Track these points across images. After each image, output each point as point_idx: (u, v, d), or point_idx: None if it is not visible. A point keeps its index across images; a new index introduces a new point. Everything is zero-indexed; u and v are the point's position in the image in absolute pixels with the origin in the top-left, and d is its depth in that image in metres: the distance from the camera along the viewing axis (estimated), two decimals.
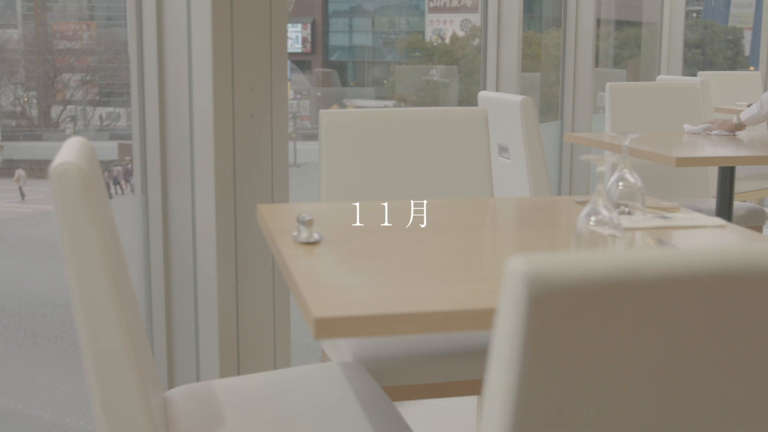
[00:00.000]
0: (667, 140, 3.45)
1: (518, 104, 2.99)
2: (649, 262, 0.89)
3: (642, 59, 6.46)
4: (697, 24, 14.18)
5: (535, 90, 4.92)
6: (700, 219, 2.04)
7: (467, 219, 2.05)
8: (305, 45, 14.02)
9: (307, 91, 14.80)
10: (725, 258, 0.91)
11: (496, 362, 0.92)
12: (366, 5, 14.91)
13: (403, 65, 14.05)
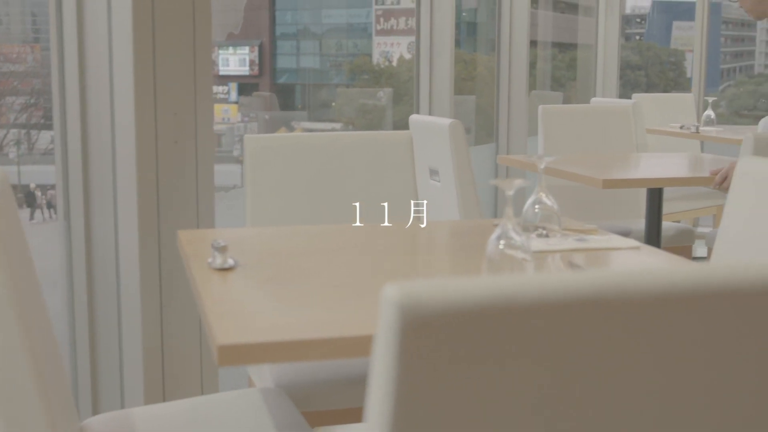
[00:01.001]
0: (598, 162, 3.49)
1: (447, 128, 3.01)
2: (525, 288, 0.90)
3: (578, 81, 6.53)
4: (640, 46, 14.40)
5: (471, 112, 4.96)
6: (615, 241, 2.06)
7: (388, 243, 2.05)
8: (252, 67, 13.99)
9: (255, 114, 14.79)
10: (600, 282, 0.92)
11: (373, 391, 0.92)
12: (313, 28, 14.94)
13: (350, 88, 14.12)
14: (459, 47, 9.62)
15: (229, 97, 13.91)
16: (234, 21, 14.21)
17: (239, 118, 14.10)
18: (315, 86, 14.12)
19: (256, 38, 14.05)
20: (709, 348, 1.00)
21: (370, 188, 2.57)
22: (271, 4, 14.08)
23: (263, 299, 1.63)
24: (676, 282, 0.94)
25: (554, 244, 2.00)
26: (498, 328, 0.90)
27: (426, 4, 4.05)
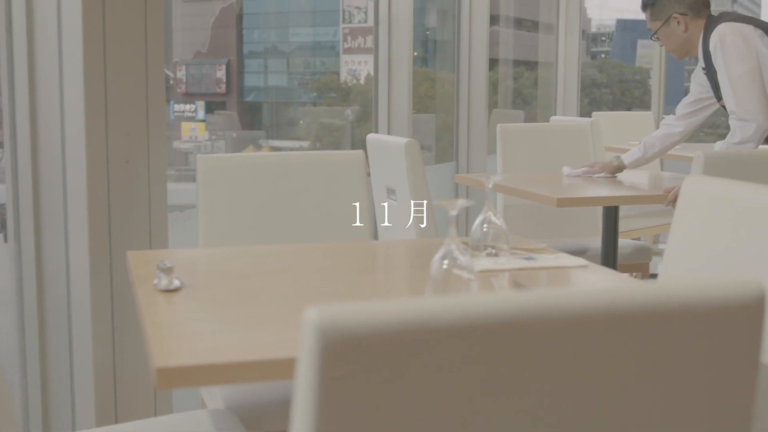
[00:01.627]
0: (555, 180, 3.51)
1: (403, 147, 3.02)
2: (443, 310, 0.90)
3: (539, 100, 6.58)
4: (605, 64, 14.52)
5: (431, 131, 4.98)
6: (564, 260, 2.08)
7: (337, 263, 2.05)
8: (220, 86, 13.98)
9: (223, 132, 14.76)
10: (518, 304, 0.93)
11: (296, 413, 0.92)
12: (281, 46, 14.96)
13: (318, 106, 14.15)
14: (426, 66, 9.66)
15: (196, 116, 13.87)
16: (201, 39, 14.18)
17: (207, 137, 14.05)
18: (282, 104, 14.12)
19: (223, 56, 14.03)
20: (631, 367, 1.00)
21: (323, 208, 2.57)
22: (239, 23, 14.08)
23: (206, 321, 1.63)
24: (592, 303, 0.95)
25: (503, 263, 2.01)
26: (418, 349, 0.90)
27: (384, 23, 4.07)
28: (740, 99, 3.11)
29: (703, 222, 2.01)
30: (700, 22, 3.26)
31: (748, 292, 1.03)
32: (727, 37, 3.14)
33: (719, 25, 3.19)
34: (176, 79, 14.21)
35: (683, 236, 2.06)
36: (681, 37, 3.29)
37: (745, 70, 3.11)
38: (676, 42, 3.32)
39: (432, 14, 6.72)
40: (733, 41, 3.13)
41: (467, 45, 4.85)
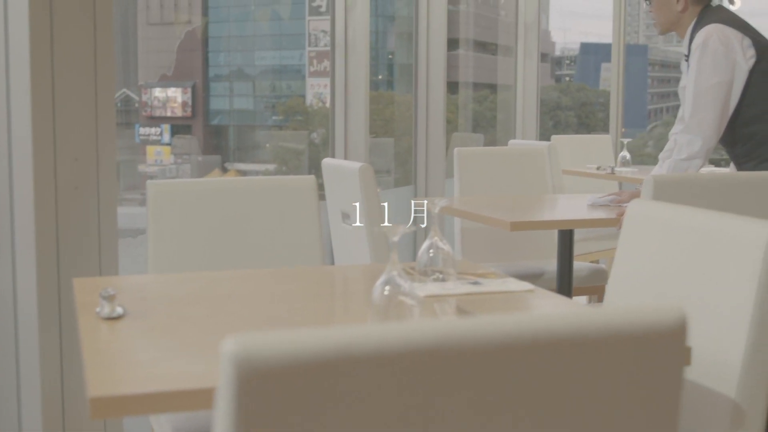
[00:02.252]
0: (512, 204, 3.53)
1: (357, 171, 3.02)
2: (361, 339, 0.90)
3: (499, 123, 6.62)
4: (570, 87, 14.64)
5: (390, 154, 4.98)
6: (510, 284, 2.08)
7: (286, 289, 2.05)
8: (185, 109, 13.95)
9: (188, 155, 14.72)
10: (436, 332, 0.93)
11: None
12: (247, 69, 14.95)
13: (284, 129, 14.16)
14: (391, 88, 9.67)
15: (161, 139, 13.82)
16: (166, 62, 14.16)
17: (172, 160, 14.01)
18: (248, 127, 14.11)
19: (189, 79, 14.01)
20: (556, 392, 1.01)
21: (274, 233, 2.56)
22: (204, 46, 14.07)
23: (146, 349, 1.61)
24: (510, 330, 0.95)
25: (449, 289, 2.01)
26: (336, 379, 0.90)
27: (340, 47, 4.08)
28: (697, 109, 3.10)
29: (646, 246, 2.03)
30: (697, 9, 3.23)
31: (670, 318, 1.04)
32: (711, 41, 3.10)
33: (710, 23, 3.16)
34: (141, 102, 14.16)
35: (627, 260, 2.07)
36: (674, 14, 3.25)
37: (714, 82, 3.09)
38: (667, 16, 3.27)
39: (393, 37, 6.76)
40: (715, 48, 3.09)
41: (425, 68, 4.87)
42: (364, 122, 4.07)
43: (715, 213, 1.94)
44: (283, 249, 2.57)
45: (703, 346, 1.84)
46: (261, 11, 13.16)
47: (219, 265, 2.52)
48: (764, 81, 3.10)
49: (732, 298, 1.79)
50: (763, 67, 3.10)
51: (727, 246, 1.83)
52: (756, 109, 3.11)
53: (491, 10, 7.03)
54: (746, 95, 3.10)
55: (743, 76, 3.08)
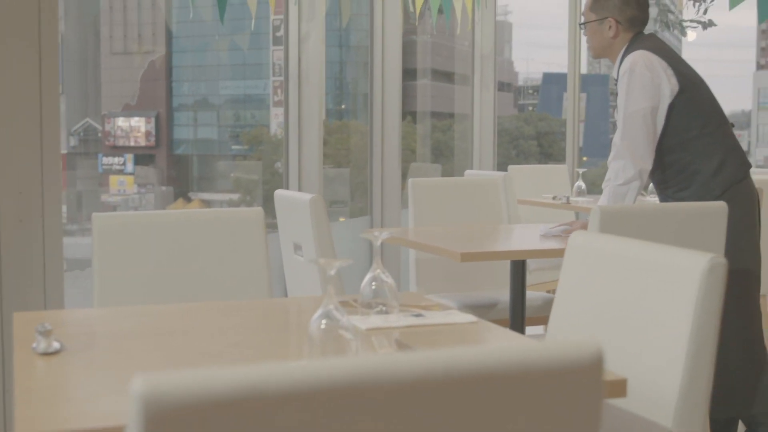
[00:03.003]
0: (464, 234, 3.54)
1: (307, 203, 3.02)
2: (271, 377, 0.90)
3: (456, 153, 6.64)
4: (532, 117, 14.75)
5: (346, 184, 4.99)
6: (453, 316, 2.09)
7: (230, 323, 2.04)
8: (149, 138, 13.90)
9: (152, 185, 14.65)
10: (348, 369, 0.93)
11: None
12: (211, 99, 14.93)
13: (248, 159, 14.17)
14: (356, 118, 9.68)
15: (125, 168, 13.75)
16: (130, 92, 14.12)
17: (135, 190, 13.94)
18: (212, 157, 14.07)
19: (152, 109, 13.97)
20: (474, 429, 1.01)
21: (221, 266, 2.55)
22: (168, 75, 14.05)
23: (79, 386, 1.60)
24: (425, 367, 0.96)
25: (392, 321, 2.01)
26: (246, 418, 0.90)
27: (294, 78, 4.08)
28: (626, 133, 3.15)
29: (587, 277, 2.05)
30: (628, 36, 3.29)
31: (586, 353, 1.05)
32: (637, 67, 3.15)
33: (637, 50, 3.21)
34: (104, 132, 14.10)
35: (569, 292, 2.09)
36: (606, 40, 3.32)
37: (641, 107, 3.14)
38: (599, 41, 3.34)
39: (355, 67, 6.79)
40: (642, 74, 3.14)
41: (380, 98, 4.89)
42: (317, 153, 4.07)
43: (654, 245, 1.96)
44: (231, 282, 2.56)
45: (641, 377, 1.85)
46: (224, 41, 13.19)
47: (165, 298, 2.50)
48: (685, 111, 3.15)
49: (669, 328, 1.81)
50: (684, 98, 3.15)
51: (664, 277, 1.85)
52: (676, 139, 3.17)
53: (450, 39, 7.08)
54: (668, 124, 3.16)
55: (667, 102, 3.14)
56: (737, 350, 3.11)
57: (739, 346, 3.12)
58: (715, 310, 1.77)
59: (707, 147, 3.15)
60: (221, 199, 14.32)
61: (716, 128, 3.18)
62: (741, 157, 3.21)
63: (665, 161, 3.21)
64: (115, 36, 13.81)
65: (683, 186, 3.19)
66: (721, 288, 1.77)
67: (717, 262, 1.77)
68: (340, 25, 6.76)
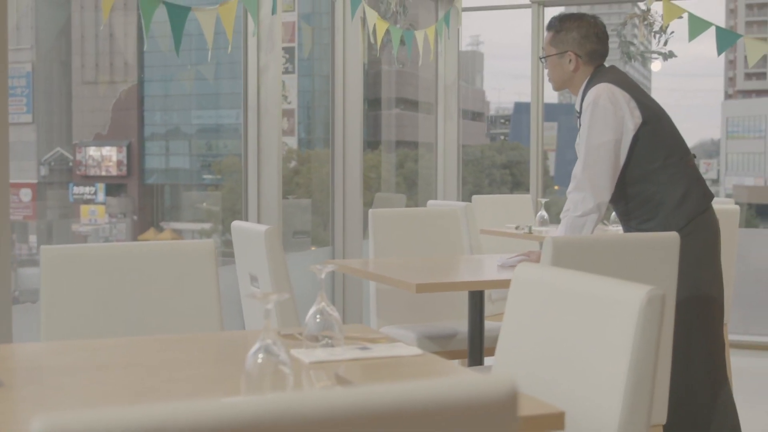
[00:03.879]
0: (423, 265, 3.54)
1: (263, 234, 3.02)
2: (174, 416, 0.89)
3: (420, 183, 6.66)
4: (504, 146, 14.81)
5: (308, 215, 4.98)
6: (399, 349, 2.08)
7: (173, 357, 2.03)
8: (120, 168, 13.84)
9: (123, 214, 14.57)
10: (256, 407, 0.92)
11: None
12: (184, 128, 14.90)
13: (220, 188, 14.15)
14: (328, 148, 9.67)
15: (96, 198, 13.69)
16: (101, 121, 14.08)
17: (106, 220, 13.86)
18: (184, 186, 14.05)
19: (124, 138, 13.93)
20: None
21: (172, 299, 2.54)
22: (140, 105, 14.04)
23: (12, 423, 1.58)
24: (336, 404, 0.95)
25: (337, 354, 2.00)
26: None
27: (253, 108, 4.08)
28: (587, 166, 3.17)
29: (531, 309, 2.05)
30: (589, 69, 3.31)
31: (501, 390, 1.05)
32: (600, 100, 3.17)
33: (600, 83, 3.23)
34: (75, 161, 14.04)
35: (514, 324, 2.09)
36: (567, 73, 3.34)
37: (604, 140, 3.15)
38: (560, 74, 3.36)
39: (324, 96, 6.81)
40: (605, 107, 3.16)
41: (341, 128, 4.90)
42: (276, 184, 4.07)
43: (596, 277, 1.96)
44: (181, 314, 2.55)
45: (582, 409, 1.85)
46: (197, 70, 13.21)
47: (115, 331, 2.49)
48: (648, 143, 3.18)
49: (609, 361, 1.82)
50: (647, 130, 3.18)
51: (604, 310, 1.85)
52: (639, 170, 3.19)
53: (419, 68, 7.11)
54: (631, 156, 3.18)
55: (630, 135, 3.16)
56: (701, 377, 3.13)
57: (702, 372, 3.14)
58: (654, 343, 1.78)
59: (670, 178, 3.18)
60: (193, 229, 14.26)
61: (679, 159, 3.20)
62: (704, 187, 3.23)
63: (629, 193, 3.23)
64: (87, 65, 13.80)
65: (647, 217, 3.21)
66: (659, 320, 1.78)
67: (655, 295, 1.78)
68: (312, 54, 6.79)
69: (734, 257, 4.45)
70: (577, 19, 3.34)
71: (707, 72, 28.58)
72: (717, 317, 3.19)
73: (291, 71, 9.11)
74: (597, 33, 3.30)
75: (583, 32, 3.30)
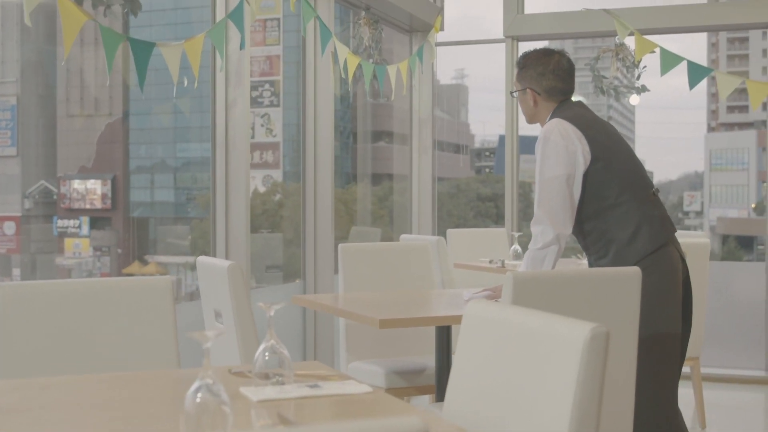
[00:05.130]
0: (391, 300, 3.54)
1: (225, 270, 3.01)
2: None
3: (396, 217, 6.66)
4: (489, 179, 14.87)
5: (278, 250, 4.97)
6: (350, 386, 2.07)
7: (119, 396, 2.01)
8: (105, 201, 13.82)
9: (108, 247, 14.54)
10: None
11: None
12: (169, 161, 14.90)
13: (205, 221, 14.09)
14: (297, 181, 9.67)
15: (80, 231, 13.67)
16: (86, 154, 14.09)
17: (91, 253, 13.83)
18: (170, 219, 14.04)
19: (109, 172, 13.94)
20: None
21: (128, 336, 2.53)
22: (125, 138, 14.06)
23: None
24: None
25: (286, 392, 1.99)
26: None
27: (221, 143, 4.08)
28: (543, 201, 3.19)
29: (481, 347, 2.05)
30: (550, 105, 3.33)
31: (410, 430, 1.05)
32: (552, 135, 3.19)
33: (554, 118, 3.26)
34: (60, 194, 14.03)
35: (464, 361, 2.08)
36: (531, 109, 3.38)
37: (556, 174, 3.17)
38: (526, 109, 3.41)
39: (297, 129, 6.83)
40: (556, 143, 3.18)
41: (312, 161, 4.90)
42: (245, 218, 4.06)
43: (544, 314, 1.96)
44: (138, 352, 2.54)
45: None
46: (183, 103, 13.23)
47: (72, 369, 2.47)
48: (600, 179, 3.19)
49: (554, 399, 1.81)
50: (599, 166, 3.19)
51: (550, 347, 1.85)
52: (593, 207, 3.20)
53: (396, 100, 7.14)
54: (585, 192, 3.19)
55: (581, 170, 3.18)
56: (650, 416, 3.12)
57: (652, 411, 3.13)
58: (598, 381, 1.77)
59: (622, 216, 3.18)
60: (178, 262, 14.24)
61: (632, 196, 3.20)
62: (657, 226, 3.22)
63: (585, 229, 3.25)
64: (72, 98, 13.83)
65: (601, 254, 3.22)
66: (603, 358, 1.78)
67: (598, 332, 1.77)
68: (298, 88, 6.82)
69: (706, 291, 4.45)
70: (539, 56, 3.36)
71: (690, 105, 28.83)
72: (670, 355, 3.19)
73: (276, 104, 9.13)
74: (555, 70, 3.32)
75: (540, 70, 3.32)
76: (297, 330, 4.72)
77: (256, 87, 13.58)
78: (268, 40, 8.80)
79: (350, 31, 5.32)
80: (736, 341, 6.05)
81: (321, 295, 4.58)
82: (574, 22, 6.05)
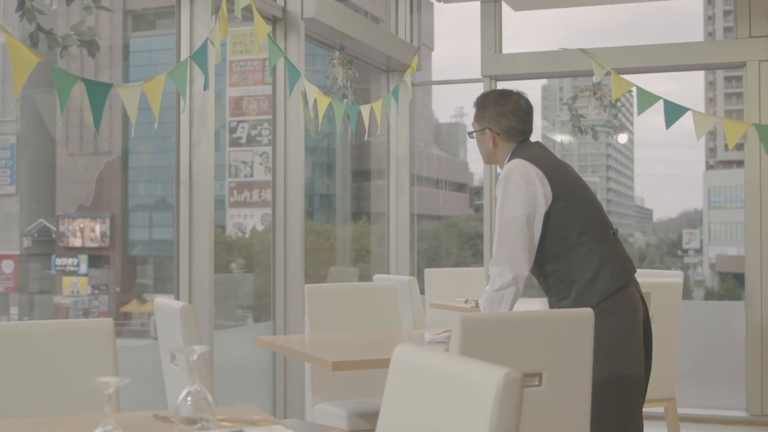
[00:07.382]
0: (353, 341, 3.52)
1: (178, 311, 3.00)
2: None
3: (373, 256, 6.64)
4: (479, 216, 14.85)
5: (249, 290, 4.96)
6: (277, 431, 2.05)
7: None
8: (103, 239, 13.86)
9: (106, 286, 14.54)
10: None
11: None
12: (168, 199, 14.98)
13: None
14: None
15: (78, 270, 13.69)
16: (85, 192, 14.15)
17: (89, 291, 13.83)
18: (168, 258, 14.05)
19: (107, 210, 13.99)
20: None
21: (69, 378, 2.52)
22: (124, 176, 14.12)
23: None
24: None
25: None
26: None
27: (185, 184, 4.09)
28: (501, 241, 3.16)
29: (405, 391, 2.03)
30: (510, 145, 3.32)
31: None
32: (513, 176, 3.18)
33: (515, 159, 3.25)
34: (58, 233, 14.07)
35: (391, 406, 2.06)
36: (489, 149, 3.36)
37: (516, 216, 3.15)
38: (484, 150, 3.39)
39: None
40: (516, 184, 3.17)
41: (282, 200, 4.90)
42: (208, 258, 4.06)
43: (463, 358, 1.94)
44: (80, 394, 2.53)
45: None
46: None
47: (12, 412, 2.46)
48: (561, 220, 3.17)
49: None
50: (560, 207, 3.18)
51: (467, 392, 1.83)
52: (554, 248, 3.18)
53: (375, 138, 7.16)
54: (546, 233, 3.17)
55: (542, 210, 3.16)
56: None
57: None
58: (512, 427, 1.75)
59: (583, 257, 3.16)
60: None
61: (593, 237, 3.19)
62: (618, 266, 3.20)
63: (546, 270, 3.22)
64: (71, 137, 13.92)
65: (563, 295, 3.20)
66: (518, 404, 1.76)
67: (512, 377, 1.75)
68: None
69: (678, 330, 4.42)
70: (498, 97, 3.36)
71: (688, 142, 28.87)
72: (633, 397, 3.15)
73: (270, 143, 9.14)
74: (514, 110, 3.32)
75: (499, 110, 3.32)
76: (267, 372, 4.69)
77: (254, 126, 13.63)
78: (267, 79, 8.86)
79: (327, 71, 5.34)
80: (716, 380, 5.99)
81: (283, 336, 4.56)
82: (551, 61, 6.06)
